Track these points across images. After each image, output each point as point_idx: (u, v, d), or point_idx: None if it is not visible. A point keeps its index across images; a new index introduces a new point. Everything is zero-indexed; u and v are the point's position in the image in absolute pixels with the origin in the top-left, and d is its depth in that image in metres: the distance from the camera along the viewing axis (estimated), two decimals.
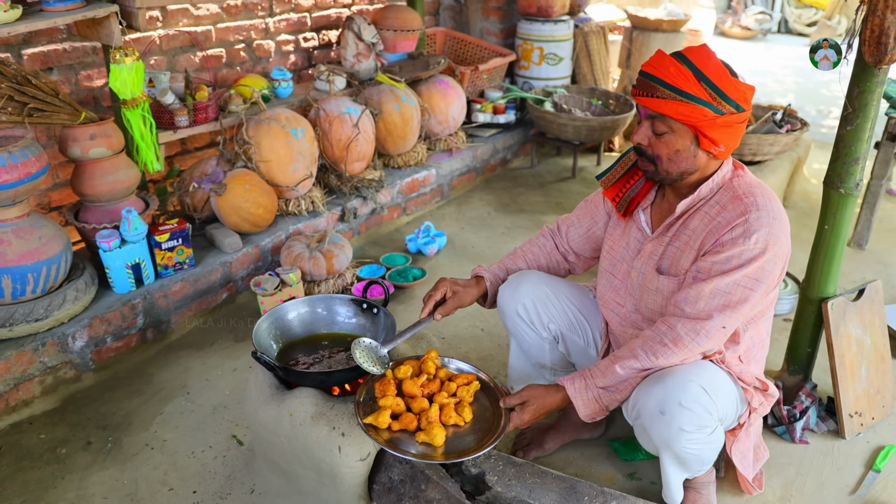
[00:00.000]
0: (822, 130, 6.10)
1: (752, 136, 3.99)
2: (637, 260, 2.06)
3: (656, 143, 1.86)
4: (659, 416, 1.81)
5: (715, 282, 1.83)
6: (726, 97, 1.78)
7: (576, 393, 1.90)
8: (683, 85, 1.77)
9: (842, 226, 2.39)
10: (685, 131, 1.82)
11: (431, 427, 1.89)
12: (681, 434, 1.82)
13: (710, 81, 1.77)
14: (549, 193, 4.66)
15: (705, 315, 1.83)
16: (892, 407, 2.64)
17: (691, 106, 1.77)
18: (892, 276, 3.66)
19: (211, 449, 2.45)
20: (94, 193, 2.90)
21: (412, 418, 1.92)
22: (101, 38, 2.93)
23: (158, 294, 2.97)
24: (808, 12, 10.92)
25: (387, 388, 1.97)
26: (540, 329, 2.25)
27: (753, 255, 1.81)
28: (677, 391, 1.80)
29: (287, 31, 4.33)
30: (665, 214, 2.03)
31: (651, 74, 1.81)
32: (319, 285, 3.26)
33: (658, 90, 1.79)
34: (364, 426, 1.87)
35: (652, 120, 1.85)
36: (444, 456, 1.86)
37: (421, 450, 1.87)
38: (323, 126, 3.71)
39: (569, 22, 5.22)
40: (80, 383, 2.75)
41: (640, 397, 1.87)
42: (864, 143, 2.28)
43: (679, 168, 1.88)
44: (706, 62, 1.78)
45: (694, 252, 1.92)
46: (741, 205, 1.85)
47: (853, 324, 2.53)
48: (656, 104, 1.79)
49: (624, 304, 2.12)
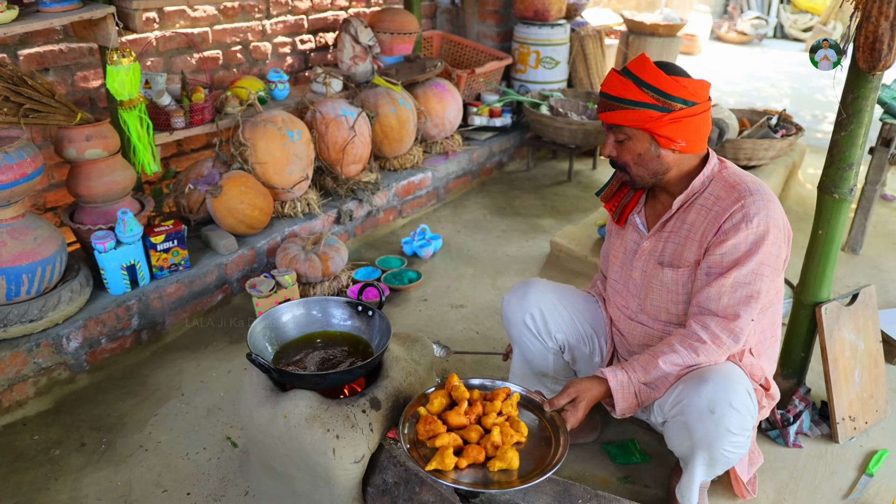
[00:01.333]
0: (817, 135, 6.12)
1: (747, 141, 4.00)
2: (637, 259, 2.11)
3: (621, 152, 1.99)
4: (709, 414, 1.82)
5: (733, 274, 1.88)
6: (669, 95, 1.89)
7: (618, 386, 1.90)
8: (626, 94, 1.90)
9: (836, 231, 2.40)
10: (640, 135, 1.94)
11: (504, 452, 1.81)
12: (727, 434, 1.84)
13: (650, 85, 1.89)
14: (544, 197, 4.67)
15: (733, 313, 1.89)
16: (885, 411, 2.65)
17: (636, 111, 1.89)
18: (886, 280, 3.67)
19: (205, 451, 2.45)
20: (89, 194, 2.90)
21: (477, 449, 1.83)
22: (97, 39, 2.93)
23: (153, 295, 2.97)
24: (803, 17, 10.95)
25: (433, 426, 1.87)
26: (546, 340, 2.27)
27: (759, 238, 1.88)
28: (729, 392, 1.82)
29: (284, 34, 4.33)
30: (659, 213, 2.10)
31: (603, 92, 1.96)
32: (315, 287, 3.26)
33: (609, 104, 1.93)
34: (432, 475, 1.78)
35: (612, 132, 1.97)
36: (529, 476, 1.78)
37: (502, 478, 1.79)
38: (319, 128, 3.71)
39: (565, 26, 5.23)
40: (74, 384, 2.75)
41: (687, 395, 1.86)
42: (857, 148, 2.29)
43: (648, 169, 1.99)
44: (643, 69, 1.91)
45: (696, 243, 1.97)
46: (735, 192, 1.93)
47: (847, 328, 2.54)
48: (609, 117, 1.94)
49: (628, 305, 2.17)
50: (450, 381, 2.01)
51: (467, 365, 2.91)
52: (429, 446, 1.87)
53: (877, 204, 4.06)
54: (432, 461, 1.80)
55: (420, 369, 2.26)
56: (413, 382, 2.18)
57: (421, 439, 1.89)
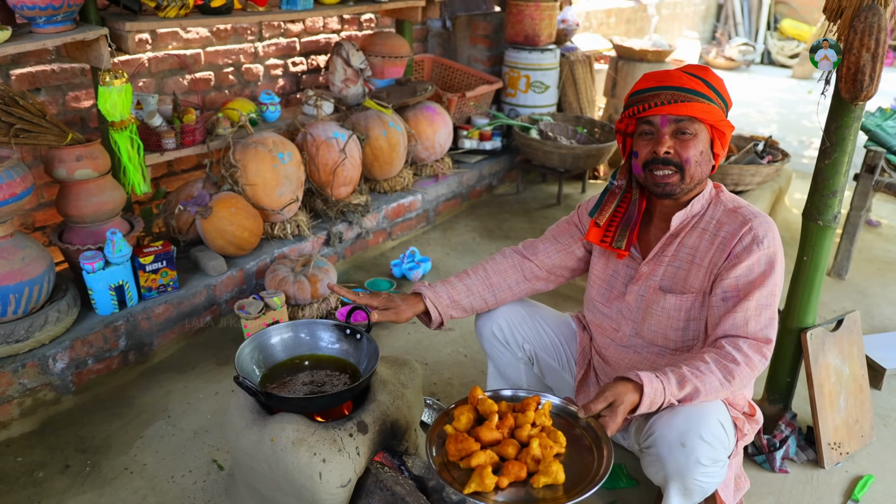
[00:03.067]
0: (803, 161, 6.19)
1: (734, 167, 4.05)
2: (633, 284, 2.09)
3: (683, 148, 1.91)
4: (679, 447, 1.81)
5: (755, 297, 1.88)
6: (726, 103, 1.95)
7: (651, 394, 1.76)
8: (699, 89, 1.89)
9: (820, 257, 2.43)
10: (705, 132, 1.93)
11: (548, 466, 1.68)
12: (697, 466, 1.82)
13: (715, 88, 1.92)
14: (534, 220, 4.69)
15: (764, 337, 1.88)
16: (870, 437, 2.66)
17: (711, 106, 1.89)
18: (872, 306, 3.71)
19: (191, 473, 2.43)
20: (78, 215, 2.90)
21: (518, 466, 1.70)
22: (89, 59, 2.94)
23: (141, 316, 2.96)
24: (790, 44, 11.10)
25: (466, 444, 1.74)
26: (515, 349, 2.28)
27: (771, 259, 1.90)
28: (699, 424, 1.81)
29: (276, 56, 4.36)
30: (654, 237, 2.08)
31: (667, 85, 1.90)
32: (304, 309, 3.26)
33: (679, 96, 1.88)
34: (472, 499, 1.64)
35: (676, 124, 1.90)
36: (577, 490, 1.67)
37: (548, 495, 1.67)
38: (310, 150, 3.73)
39: (555, 51, 5.29)
40: (59, 405, 2.73)
41: (659, 427, 1.85)
42: (841, 176, 2.32)
43: (700, 174, 1.95)
44: (705, 73, 1.94)
45: (703, 269, 1.97)
46: (739, 216, 1.95)
47: (832, 354, 2.55)
48: (683, 108, 1.87)
49: (619, 329, 2.15)
50: (474, 395, 1.89)
51: (454, 388, 2.91)
52: (462, 467, 1.73)
53: (862, 229, 4.10)
54: (470, 483, 1.66)
55: (408, 393, 2.26)
56: (401, 406, 2.18)
57: (452, 460, 1.75)
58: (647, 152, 1.95)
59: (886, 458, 2.60)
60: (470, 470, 1.71)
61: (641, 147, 1.97)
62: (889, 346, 3.16)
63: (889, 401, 2.92)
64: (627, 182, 2.10)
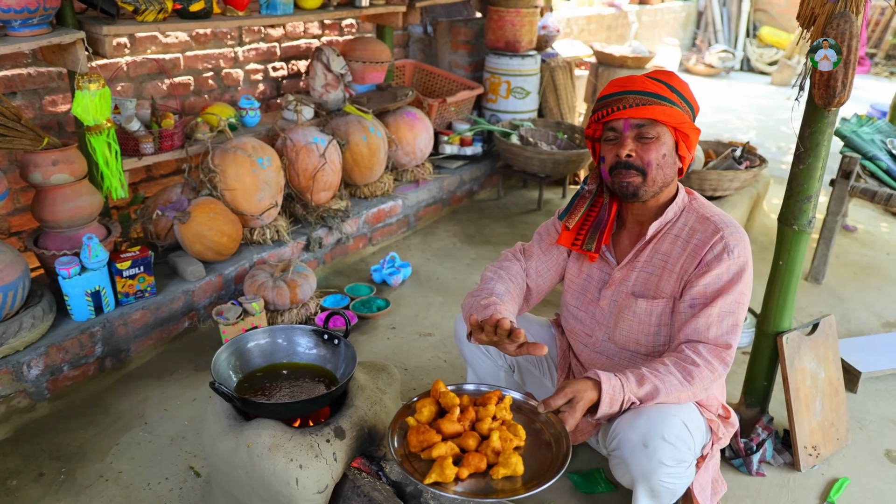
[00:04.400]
0: (781, 167, 6.25)
1: (712, 172, 4.08)
2: (606, 289, 2.09)
3: (644, 151, 1.92)
4: (641, 448, 1.82)
5: (719, 304, 1.89)
6: (691, 106, 1.97)
7: (610, 391, 1.79)
8: (662, 93, 1.91)
9: (796, 261, 2.45)
10: (668, 135, 1.93)
11: (508, 458, 1.71)
12: (661, 467, 1.84)
13: (679, 92, 1.94)
14: (514, 225, 4.70)
15: (724, 343, 1.89)
16: (845, 440, 2.68)
17: (674, 109, 1.90)
18: (848, 310, 3.74)
19: (167, 481, 2.41)
20: (54, 220, 2.87)
21: (478, 457, 1.72)
22: (66, 63, 2.91)
23: (118, 322, 2.94)
24: (769, 52, 11.21)
25: (427, 436, 1.76)
26: (496, 357, 2.27)
27: (740, 269, 1.91)
28: (661, 425, 1.82)
29: (256, 61, 4.35)
30: (627, 243, 2.09)
31: (630, 90, 1.92)
32: (283, 315, 3.25)
33: (642, 99, 1.90)
34: (432, 489, 1.66)
35: (638, 129, 1.91)
36: (535, 481, 1.68)
37: (507, 486, 1.69)
38: (290, 155, 3.71)
39: (536, 57, 5.32)
40: (34, 413, 2.70)
41: (621, 429, 1.86)
42: (815, 181, 2.34)
43: (664, 176, 1.96)
44: (669, 77, 1.96)
45: (675, 275, 1.98)
46: (711, 224, 1.96)
47: (808, 358, 2.58)
48: (644, 111, 1.89)
49: (592, 334, 2.15)
50: (436, 388, 1.91)
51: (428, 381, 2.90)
52: (423, 458, 1.76)
53: (838, 234, 4.15)
54: (431, 473, 1.68)
55: (386, 398, 2.26)
56: (378, 411, 2.17)
57: (414, 451, 1.77)
58: (612, 157, 1.97)
59: (862, 461, 2.62)
60: (431, 461, 1.74)
61: (607, 152, 1.98)
62: (865, 350, 3.19)
63: (864, 404, 2.95)
64: (598, 186, 2.11)
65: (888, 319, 3.68)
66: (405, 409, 1.92)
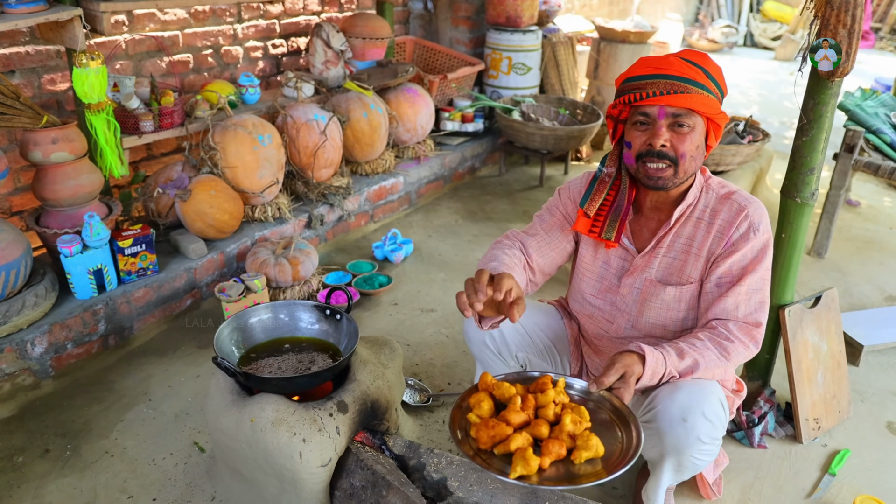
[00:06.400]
0: (784, 142, 6.22)
1: (714, 147, 4.05)
2: (627, 277, 2.04)
3: (679, 141, 1.84)
4: (680, 423, 1.80)
5: (747, 282, 1.88)
6: (722, 92, 1.88)
7: (653, 363, 1.76)
8: (699, 79, 1.81)
9: (798, 234, 2.44)
10: (702, 125, 1.86)
11: (587, 440, 1.63)
12: (697, 443, 1.82)
13: (713, 77, 1.85)
14: (516, 202, 4.69)
15: (754, 321, 1.88)
16: (847, 412, 2.69)
17: (710, 98, 1.82)
18: (850, 284, 3.74)
19: (172, 456, 2.42)
20: (55, 198, 2.87)
21: (558, 444, 1.63)
22: (64, 41, 2.90)
23: (121, 300, 2.94)
24: (772, 27, 11.13)
25: (499, 430, 1.66)
26: (507, 358, 2.19)
27: (764, 245, 1.90)
28: (702, 401, 1.80)
29: (255, 38, 4.32)
30: (645, 229, 2.03)
31: (665, 73, 1.81)
32: (285, 292, 3.25)
33: (680, 86, 1.80)
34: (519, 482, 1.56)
35: (674, 118, 1.82)
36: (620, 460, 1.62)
37: (589, 469, 1.61)
38: (290, 133, 3.70)
39: (537, 32, 5.28)
40: (38, 390, 2.71)
41: (660, 401, 1.83)
42: (818, 153, 2.33)
43: (694, 168, 1.90)
44: (703, 60, 1.86)
45: (702, 259, 1.94)
46: (734, 203, 1.93)
47: (810, 330, 2.58)
48: (683, 99, 1.79)
49: (613, 321, 2.10)
50: (485, 380, 1.81)
51: (437, 369, 2.92)
52: (497, 453, 1.65)
53: (842, 209, 4.13)
54: (515, 467, 1.57)
55: (388, 372, 2.26)
56: (381, 386, 2.18)
57: (484, 448, 1.66)
58: (642, 143, 1.87)
59: (863, 433, 2.63)
60: (505, 455, 1.65)
61: (635, 138, 1.89)
62: (867, 324, 3.19)
63: (866, 377, 2.96)
64: (617, 170, 2.03)
65: (891, 293, 3.67)
66: (457, 409, 1.78)
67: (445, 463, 2.09)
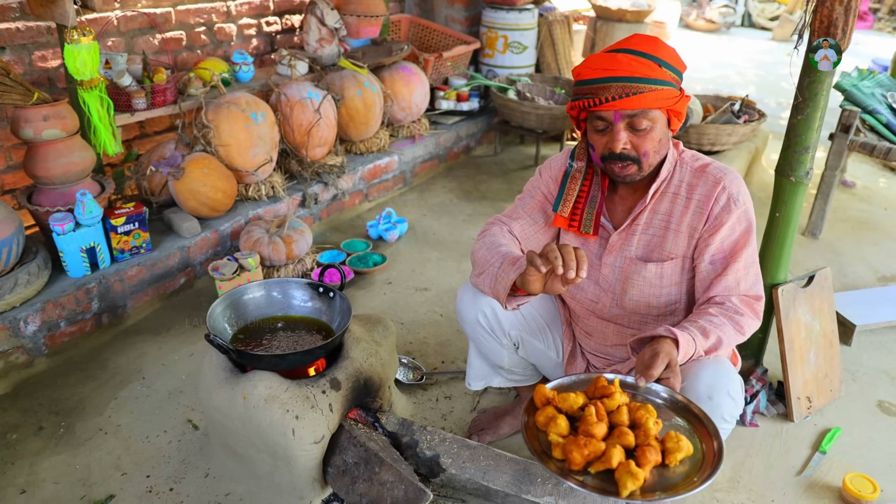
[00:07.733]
0: (780, 122, 6.20)
1: (710, 126, 4.05)
2: (607, 256, 2.03)
3: (640, 142, 1.82)
4: (706, 400, 1.78)
5: (742, 257, 1.88)
6: (679, 73, 1.84)
7: (685, 345, 1.72)
8: (652, 74, 1.77)
9: (792, 213, 2.44)
10: (662, 119, 1.83)
11: (678, 441, 1.57)
12: (720, 422, 1.81)
13: (668, 63, 1.80)
14: (511, 181, 4.68)
15: (755, 294, 1.90)
16: (838, 391, 2.70)
17: (665, 90, 1.78)
18: (844, 264, 3.75)
19: (166, 433, 2.43)
20: (47, 176, 2.85)
21: (653, 451, 1.55)
22: (55, 17, 2.86)
23: (114, 278, 2.94)
24: (770, 7, 11.07)
25: (593, 447, 1.56)
26: (500, 336, 2.17)
27: (748, 215, 1.90)
28: (727, 380, 1.81)
29: (249, 15, 4.28)
30: (623, 207, 2.02)
31: (616, 75, 1.77)
32: (279, 270, 3.25)
33: (632, 87, 1.76)
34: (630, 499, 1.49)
35: (630, 119, 1.80)
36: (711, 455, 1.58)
37: (684, 469, 1.56)
38: (284, 111, 3.68)
39: (533, 11, 5.24)
40: (32, 368, 2.71)
41: (686, 379, 1.81)
42: (813, 131, 2.32)
43: (659, 157, 1.89)
44: (655, 47, 1.80)
45: (682, 234, 1.93)
46: (709, 176, 1.91)
47: (803, 310, 2.58)
48: (636, 101, 1.76)
49: (598, 300, 2.10)
50: (543, 394, 1.72)
51: (430, 347, 2.92)
52: (592, 472, 1.56)
53: (836, 189, 4.13)
54: (626, 484, 1.49)
55: (381, 350, 2.26)
56: (374, 363, 2.18)
57: (576, 468, 1.56)
58: (603, 147, 1.86)
59: (854, 412, 2.65)
60: (603, 472, 1.56)
61: (596, 141, 1.88)
62: (860, 303, 3.20)
63: (858, 356, 2.97)
64: (587, 162, 2.02)
65: (884, 273, 3.68)
66: (528, 430, 1.68)
67: (438, 440, 2.10)
